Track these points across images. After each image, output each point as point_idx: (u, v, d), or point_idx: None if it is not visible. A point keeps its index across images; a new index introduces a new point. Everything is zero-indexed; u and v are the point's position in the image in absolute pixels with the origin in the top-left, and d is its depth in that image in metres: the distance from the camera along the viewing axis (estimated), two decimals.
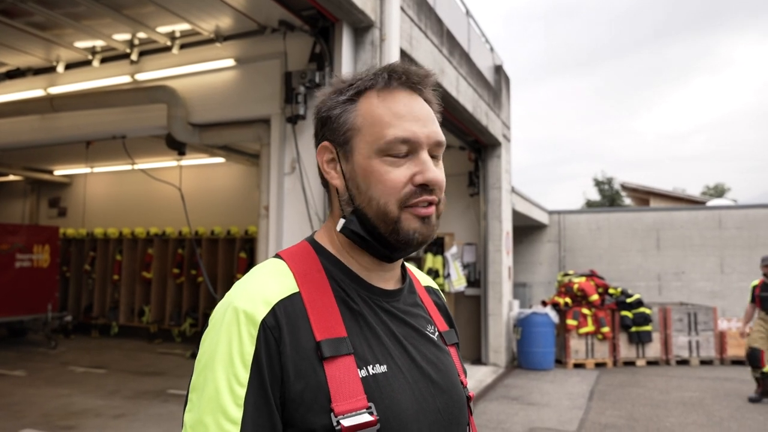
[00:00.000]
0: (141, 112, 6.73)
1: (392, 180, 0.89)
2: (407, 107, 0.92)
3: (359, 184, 0.92)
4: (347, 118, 0.93)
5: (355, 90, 0.94)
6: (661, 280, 14.22)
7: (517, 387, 8.12)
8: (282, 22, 5.47)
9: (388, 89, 0.93)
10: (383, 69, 0.95)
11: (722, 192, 35.95)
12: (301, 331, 0.84)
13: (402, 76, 0.93)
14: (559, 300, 10.06)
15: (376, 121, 0.91)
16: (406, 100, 0.92)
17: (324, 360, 0.83)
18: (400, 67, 0.94)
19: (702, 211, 14.44)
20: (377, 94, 0.93)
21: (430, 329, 1.00)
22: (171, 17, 5.90)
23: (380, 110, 0.91)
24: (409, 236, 0.90)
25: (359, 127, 0.92)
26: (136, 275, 12.40)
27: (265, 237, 5.43)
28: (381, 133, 0.90)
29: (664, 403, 7.20)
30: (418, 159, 0.90)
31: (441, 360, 0.97)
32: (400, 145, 0.89)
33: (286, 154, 5.34)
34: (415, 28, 6.00)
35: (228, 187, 11.88)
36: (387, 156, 0.90)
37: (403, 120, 0.90)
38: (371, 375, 0.85)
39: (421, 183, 0.89)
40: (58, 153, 10.80)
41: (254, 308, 0.83)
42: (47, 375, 8.18)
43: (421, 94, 0.95)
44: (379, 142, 0.90)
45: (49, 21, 6.13)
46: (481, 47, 9.36)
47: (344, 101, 0.94)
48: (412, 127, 0.90)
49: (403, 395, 0.87)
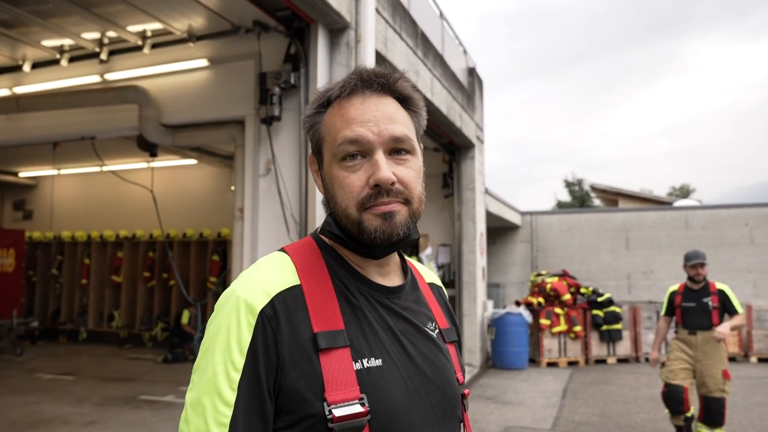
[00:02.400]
0: (111, 112, 6.60)
1: (349, 185, 0.92)
2: (358, 110, 0.94)
3: (329, 189, 0.97)
4: (316, 130, 0.99)
5: (320, 102, 0.99)
6: (631, 279, 14.52)
7: (492, 386, 8.19)
8: (256, 23, 5.42)
9: (345, 96, 0.95)
10: (348, 77, 0.97)
11: (687, 193, 36.91)
12: (299, 322, 0.87)
13: (357, 82, 0.95)
14: (533, 300, 10.19)
15: (332, 129, 0.95)
16: (358, 103, 0.94)
17: (320, 351, 0.86)
18: (358, 71, 0.97)
19: (669, 212, 14.79)
20: (337, 103, 0.96)
21: (429, 326, 1.01)
22: (142, 16, 5.81)
23: (335, 118, 0.95)
24: (372, 235, 0.91)
25: (324, 137, 0.97)
26: (106, 279, 12.14)
27: (240, 239, 5.37)
28: (334, 139, 0.94)
29: (635, 399, 7.35)
30: (372, 160, 0.92)
31: (437, 357, 0.98)
32: (349, 147, 0.92)
33: (261, 155, 5.30)
34: (390, 30, 6.01)
35: (200, 189, 11.72)
36: (343, 161, 0.93)
37: (352, 123, 0.93)
38: (365, 368, 0.87)
39: (374, 184, 0.91)
40: (23, 154, 10.51)
41: (254, 298, 0.87)
42: (13, 383, 7.94)
43: (389, 93, 0.96)
44: (334, 148, 0.94)
45: (14, 19, 5.97)
46: (454, 50, 9.43)
47: (313, 114, 0.99)
48: (360, 128, 0.92)
49: (396, 389, 0.89)
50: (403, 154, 0.95)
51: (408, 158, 0.95)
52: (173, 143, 6.68)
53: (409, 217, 0.94)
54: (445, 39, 8.73)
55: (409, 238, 0.97)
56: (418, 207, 0.95)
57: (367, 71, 0.97)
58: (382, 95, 0.96)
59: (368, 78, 0.96)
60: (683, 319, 5.09)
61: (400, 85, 0.97)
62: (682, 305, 5.11)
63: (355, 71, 0.97)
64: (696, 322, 5.01)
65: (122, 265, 11.92)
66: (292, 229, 4.99)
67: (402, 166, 0.94)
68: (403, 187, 0.93)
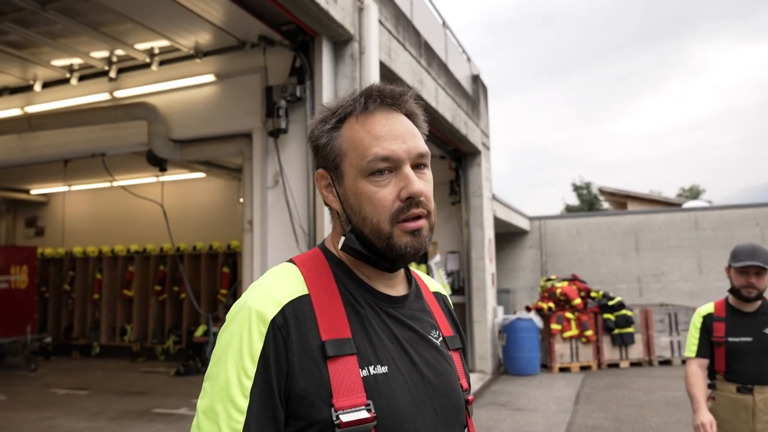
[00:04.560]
0: (121, 129, 6.70)
1: (381, 199, 0.95)
2: (385, 127, 0.97)
3: (353, 205, 0.98)
4: (333, 145, 1.00)
5: (337, 118, 1.00)
6: (641, 282, 14.44)
7: (505, 393, 8.17)
8: (261, 37, 5.51)
9: (366, 112, 0.98)
10: (361, 93, 1.00)
11: (697, 193, 36.69)
12: (308, 331, 0.91)
13: (377, 98, 0.98)
14: (543, 305, 10.16)
15: (358, 145, 0.97)
16: (383, 120, 0.97)
17: (328, 359, 0.89)
18: (376, 89, 1.00)
19: (679, 213, 14.73)
20: (357, 118, 0.98)
21: (434, 334, 1.04)
22: (149, 34, 5.91)
23: (360, 134, 0.97)
24: (402, 250, 0.95)
25: (345, 152, 0.98)
26: (117, 293, 12.23)
27: (250, 251, 5.43)
28: (363, 155, 0.96)
29: (649, 403, 7.30)
30: (402, 174, 0.95)
31: (441, 364, 1.01)
32: (381, 164, 0.95)
33: (269, 167, 5.36)
34: (393, 41, 6.08)
35: (209, 202, 11.81)
36: (372, 176, 0.95)
37: (382, 140, 0.95)
38: (372, 375, 0.91)
39: (407, 196, 0.94)
40: (35, 172, 10.65)
41: (265, 308, 0.91)
42: (28, 398, 8.02)
43: (401, 110, 1.00)
44: (363, 163, 0.95)
45: (25, 40, 6.09)
46: (458, 57, 9.49)
47: (329, 129, 1.00)
48: (391, 145, 0.95)
49: (402, 395, 0.92)
50: (423, 168, 0.99)
51: (426, 172, 1.00)
52: (182, 158, 6.76)
53: (429, 230, 0.98)
54: (449, 47, 8.79)
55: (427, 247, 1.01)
56: (434, 219, 1.00)
57: (385, 89, 1.00)
58: (399, 112, 1.00)
59: (390, 95, 0.99)
60: (730, 364, 2.98)
61: (410, 103, 1.02)
62: (729, 341, 2.97)
63: (373, 88, 1.00)
64: (754, 369, 2.92)
65: (133, 280, 12.01)
66: (301, 240, 5.04)
67: (423, 179, 0.98)
68: (426, 200, 0.97)
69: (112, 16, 5.57)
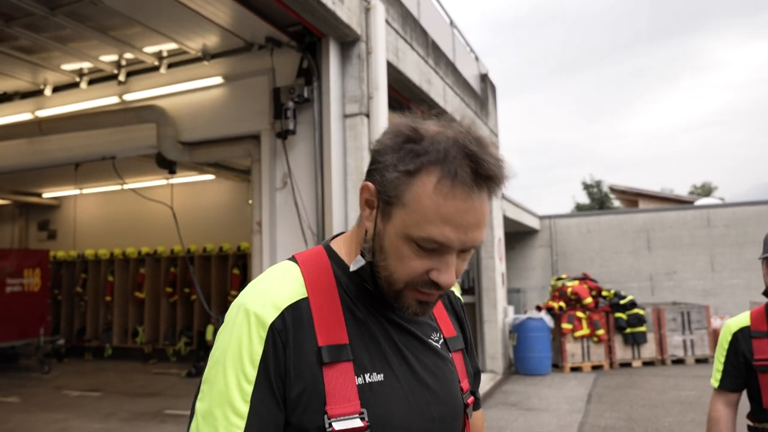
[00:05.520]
0: (130, 132, 6.73)
1: (410, 267, 0.89)
2: (459, 210, 0.85)
3: (383, 246, 0.91)
4: (398, 187, 0.87)
5: (416, 165, 0.86)
6: (653, 281, 14.32)
7: (516, 393, 8.13)
8: (269, 39, 5.51)
9: (449, 181, 0.84)
10: (454, 148, 0.85)
11: (709, 191, 36.36)
12: (305, 336, 0.89)
13: (470, 171, 0.84)
14: (554, 304, 10.11)
15: (420, 211, 0.86)
16: (461, 201, 0.84)
17: (323, 365, 0.87)
18: (473, 155, 0.85)
19: (690, 211, 14.59)
20: (437, 180, 0.85)
21: (434, 336, 1.03)
22: (158, 37, 5.94)
23: (429, 203, 0.85)
24: (405, 310, 0.93)
25: (404, 204, 0.87)
26: (129, 296, 12.32)
27: (259, 252, 5.44)
28: (419, 226, 0.86)
29: (662, 403, 7.24)
30: (443, 258, 0.88)
31: (441, 369, 1.00)
32: (430, 243, 0.87)
33: (278, 169, 5.37)
34: (400, 40, 6.07)
35: (219, 203, 11.86)
36: (415, 244, 0.88)
37: (447, 224, 0.85)
38: (367, 383, 0.89)
39: (434, 281, 0.89)
40: (46, 176, 10.75)
41: (264, 311, 0.89)
42: (42, 400, 8.09)
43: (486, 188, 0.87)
44: (413, 231, 0.86)
45: (35, 45, 6.14)
46: (466, 56, 9.46)
47: (403, 171, 0.86)
48: (451, 233, 0.86)
49: (397, 404, 0.90)
50: (469, 250, 0.91)
51: (470, 253, 0.93)
52: (191, 160, 6.79)
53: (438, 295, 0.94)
54: (456, 46, 8.77)
55: None
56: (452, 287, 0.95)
57: (484, 159, 0.85)
58: (482, 190, 0.86)
59: (486, 173, 0.85)
60: None
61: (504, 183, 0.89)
62: None
63: (470, 151, 0.85)
64: None
65: (145, 282, 12.09)
66: (310, 241, 5.04)
67: (462, 260, 0.92)
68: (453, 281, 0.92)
69: (121, 20, 5.60)
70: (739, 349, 2.13)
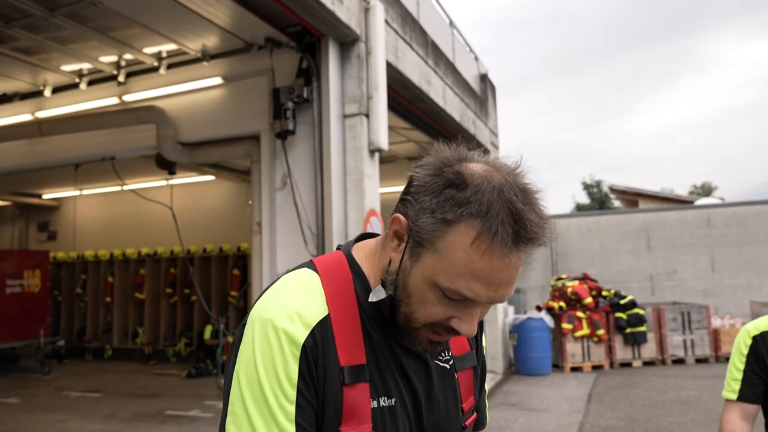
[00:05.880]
0: (130, 132, 6.73)
1: (432, 312, 0.87)
2: (492, 269, 0.81)
3: (407, 285, 0.88)
4: (433, 233, 0.83)
5: (455, 215, 0.81)
6: (654, 281, 14.32)
7: (516, 393, 8.13)
8: (268, 39, 5.51)
9: (488, 239, 0.80)
10: (499, 203, 0.80)
11: (709, 190, 36.34)
12: (330, 355, 0.88)
13: (513, 234, 0.80)
14: (554, 304, 10.11)
15: (453, 262, 0.82)
16: (497, 261, 0.80)
17: (344, 385, 0.88)
18: (517, 212, 0.80)
19: (691, 211, 14.59)
20: (475, 235, 0.80)
21: (442, 357, 1.03)
22: (157, 38, 5.94)
23: (464, 256, 0.81)
24: (415, 344, 0.93)
25: (437, 250, 0.83)
26: (129, 296, 12.32)
27: (259, 253, 5.44)
28: (449, 277, 0.83)
29: (662, 402, 7.24)
30: (467, 310, 0.87)
31: (444, 394, 1.01)
32: (457, 296, 0.84)
33: (277, 169, 5.37)
34: (400, 41, 6.07)
35: (219, 204, 11.86)
36: (441, 291, 0.85)
37: (478, 281, 0.82)
38: (380, 407, 0.90)
39: (454, 329, 0.88)
40: (46, 177, 10.74)
41: (295, 329, 0.86)
42: (42, 401, 8.09)
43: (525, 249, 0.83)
44: (442, 281, 0.83)
45: (34, 46, 6.14)
46: (465, 57, 9.46)
47: (440, 219, 0.82)
48: (481, 290, 0.83)
49: (402, 429, 0.93)
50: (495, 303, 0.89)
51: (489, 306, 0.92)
52: (191, 161, 6.79)
53: None
54: (456, 46, 8.77)
55: None
56: None
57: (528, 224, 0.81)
58: (519, 252, 0.82)
59: (528, 238, 0.82)
60: None
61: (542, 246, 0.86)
62: None
63: (515, 210, 0.80)
64: None
65: (145, 283, 12.09)
66: (310, 241, 5.04)
67: (486, 308, 0.90)
68: None
69: (120, 21, 5.60)
70: (760, 355, 1.91)
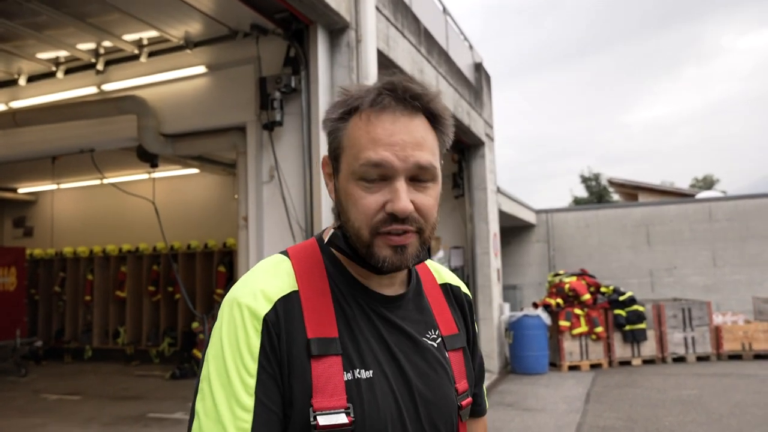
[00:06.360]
0: (109, 123, 6.69)
1: (364, 206, 0.93)
2: (386, 130, 0.92)
3: (342, 202, 0.97)
4: (336, 137, 0.98)
5: (345, 108, 0.96)
6: (653, 276, 14.44)
7: (512, 393, 8.19)
8: (254, 26, 5.49)
9: (374, 109, 0.93)
10: (376, 86, 0.95)
11: (711, 184, 36.64)
12: (296, 329, 0.92)
13: (389, 95, 0.93)
14: (551, 301, 10.18)
15: (355, 144, 0.94)
16: (388, 122, 0.92)
17: (312, 357, 0.90)
18: (392, 84, 0.94)
19: (692, 204, 14.72)
20: (364, 114, 0.94)
21: (430, 335, 1.04)
22: (137, 24, 5.90)
23: (360, 132, 0.94)
24: (379, 263, 0.94)
25: (344, 148, 0.96)
26: (110, 295, 12.26)
27: (245, 248, 5.44)
28: (356, 156, 0.93)
29: (662, 402, 7.32)
30: (392, 186, 0.92)
31: (434, 369, 1.00)
32: (372, 170, 0.92)
33: (264, 161, 5.36)
34: (391, 28, 6.07)
35: (203, 198, 11.83)
36: (362, 180, 0.93)
37: (378, 144, 0.91)
38: (355, 379, 0.91)
39: (390, 212, 0.91)
40: (22, 170, 10.67)
41: (257, 304, 0.92)
42: (18, 404, 8.06)
43: (417, 113, 0.94)
44: (355, 165, 0.93)
45: (8, 32, 6.08)
46: (459, 45, 9.47)
47: (335, 119, 0.97)
48: (386, 151, 0.91)
49: (385, 402, 0.92)
50: (425, 182, 0.95)
51: (429, 185, 0.95)
52: (174, 153, 6.76)
53: (419, 246, 0.96)
54: (450, 34, 8.77)
55: (419, 262, 0.99)
56: (430, 234, 0.97)
57: (402, 86, 0.94)
58: (413, 115, 0.94)
59: (403, 96, 0.93)
60: None
61: (433, 104, 0.96)
62: None
63: (389, 84, 0.94)
64: None
65: (126, 280, 12.04)
66: (298, 236, 5.04)
67: (421, 193, 0.94)
68: (419, 215, 0.93)
69: (99, 6, 5.55)
70: None
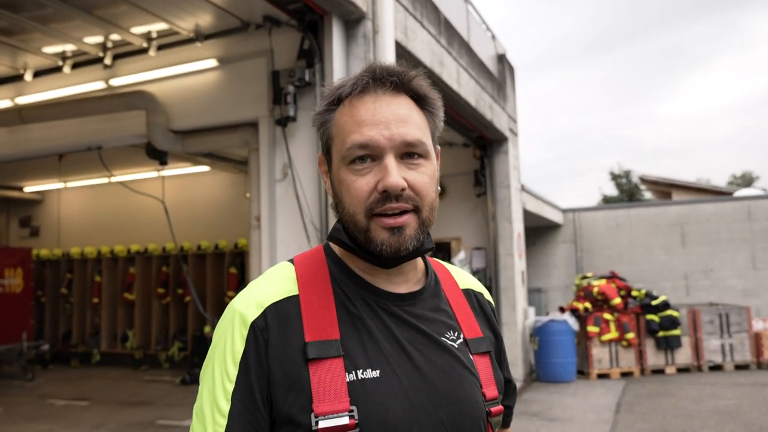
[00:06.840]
0: (117, 120, 6.76)
1: (357, 189, 0.96)
2: (369, 111, 0.97)
3: (337, 193, 1.01)
4: (326, 129, 1.03)
5: (330, 100, 1.02)
6: (689, 279, 14.23)
7: (537, 402, 8.12)
8: (267, 18, 5.51)
9: (356, 94, 0.99)
10: (358, 74, 1.01)
11: (750, 181, 36.04)
12: (292, 333, 0.94)
13: (369, 80, 0.98)
14: (578, 305, 10.07)
15: (341, 130, 0.99)
16: (369, 103, 0.97)
17: (309, 361, 0.91)
18: (371, 69, 1.00)
19: (729, 203, 14.48)
20: (347, 101, 1.00)
21: (449, 335, 1.03)
22: (146, 16, 5.94)
23: (345, 118, 0.99)
24: (378, 247, 0.96)
25: (333, 137, 1.01)
26: (118, 297, 12.40)
27: (258, 249, 5.45)
28: (344, 141, 0.98)
29: (698, 412, 7.20)
30: (382, 164, 0.95)
31: (455, 368, 0.99)
32: (358, 151, 0.96)
33: (277, 159, 5.37)
34: (410, 18, 6.03)
35: (214, 197, 11.90)
36: (352, 164, 0.97)
37: (363, 125, 0.96)
38: (359, 380, 0.91)
39: (382, 190, 0.94)
40: (28, 168, 10.82)
41: (247, 310, 0.96)
42: (25, 410, 8.17)
43: (401, 92, 0.99)
44: (343, 150, 0.97)
45: (14, 26, 6.16)
46: (482, 35, 9.41)
47: (323, 112, 1.03)
48: (371, 131, 0.95)
49: (395, 402, 0.91)
50: (416, 158, 0.98)
51: (420, 162, 0.98)
52: (184, 150, 6.81)
53: (418, 227, 0.97)
54: (471, 24, 8.72)
55: (421, 249, 1.00)
56: (428, 215, 0.99)
57: (380, 68, 0.99)
58: (395, 94, 0.99)
59: (381, 76, 0.98)
60: None
61: (415, 83, 1.00)
62: None
63: (369, 68, 1.00)
64: None
65: (135, 282, 12.16)
66: (312, 236, 5.04)
67: (414, 170, 0.97)
68: (414, 193, 0.96)
69: None
70: None
